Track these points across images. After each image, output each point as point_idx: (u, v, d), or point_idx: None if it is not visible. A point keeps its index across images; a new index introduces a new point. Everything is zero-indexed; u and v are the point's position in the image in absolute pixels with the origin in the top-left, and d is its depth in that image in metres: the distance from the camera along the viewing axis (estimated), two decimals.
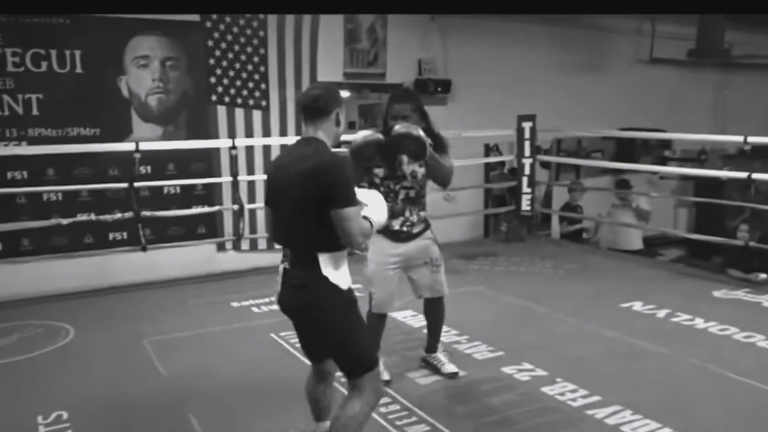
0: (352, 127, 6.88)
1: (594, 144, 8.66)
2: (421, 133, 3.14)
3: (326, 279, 2.36)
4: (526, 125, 6.86)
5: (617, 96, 8.36)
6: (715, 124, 9.47)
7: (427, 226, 3.46)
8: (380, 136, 3.17)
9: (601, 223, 7.46)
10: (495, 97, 7.28)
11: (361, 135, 3.24)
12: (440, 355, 3.71)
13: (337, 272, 2.38)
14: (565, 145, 8.32)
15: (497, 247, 6.83)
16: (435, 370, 3.66)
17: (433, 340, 3.69)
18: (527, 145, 6.90)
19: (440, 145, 3.30)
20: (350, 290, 2.42)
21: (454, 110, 7.13)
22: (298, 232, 2.40)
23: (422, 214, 3.43)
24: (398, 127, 3.12)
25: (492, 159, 7.60)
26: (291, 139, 5.90)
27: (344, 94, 6.66)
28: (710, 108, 9.63)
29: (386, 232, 3.31)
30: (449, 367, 3.65)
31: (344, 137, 2.82)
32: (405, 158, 3.29)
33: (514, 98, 7.24)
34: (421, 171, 3.35)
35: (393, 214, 3.29)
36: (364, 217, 2.41)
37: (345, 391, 2.58)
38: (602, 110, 8.12)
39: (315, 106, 2.45)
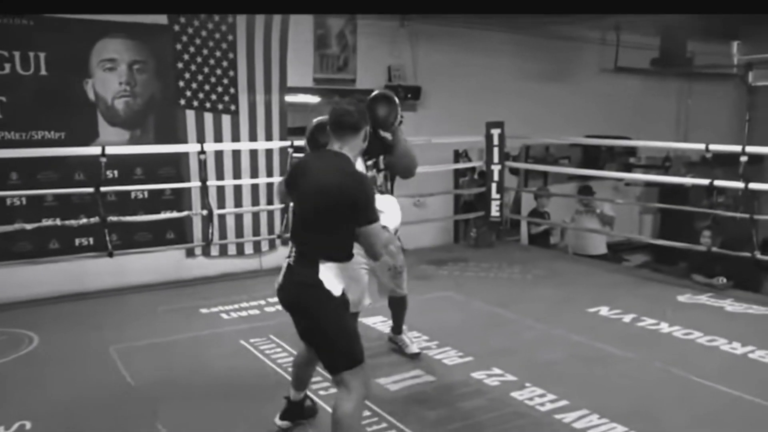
0: None
1: (561, 151, 8.73)
2: (395, 98, 3.23)
3: (321, 283, 2.53)
4: (495, 132, 6.92)
5: (583, 104, 8.47)
6: (678, 131, 9.65)
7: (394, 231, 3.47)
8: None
9: (566, 229, 7.57)
10: (464, 104, 7.33)
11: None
12: (404, 337, 3.95)
13: (333, 279, 2.56)
14: (533, 151, 8.40)
15: (467, 253, 6.86)
16: (400, 351, 3.94)
17: (397, 324, 3.95)
18: (496, 151, 6.95)
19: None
20: (343, 295, 2.60)
21: (424, 116, 7.16)
22: (309, 237, 2.59)
23: None
24: (376, 92, 3.26)
25: (461, 165, 7.63)
26: (261, 144, 5.97)
27: (315, 99, 6.77)
28: (674, 116, 9.81)
29: None
30: (413, 348, 3.91)
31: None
32: (365, 165, 3.34)
33: (483, 105, 7.30)
34: (381, 174, 3.41)
35: None
36: (383, 227, 2.59)
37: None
38: (569, 118, 8.21)
39: (348, 123, 2.64)
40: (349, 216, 2.50)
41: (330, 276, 2.55)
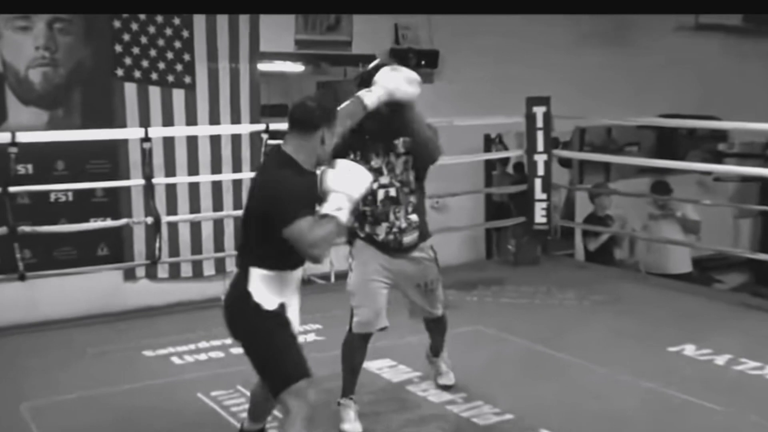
0: None
1: (628, 135, 8.74)
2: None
3: (249, 295, 2.91)
4: (539, 110, 6.88)
5: (656, 74, 8.45)
6: None
7: (423, 234, 3.70)
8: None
9: (636, 240, 7.54)
10: (496, 74, 7.34)
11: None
12: (442, 363, 4.23)
13: (263, 290, 2.91)
14: (590, 136, 8.40)
15: (503, 272, 6.82)
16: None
17: (436, 345, 4.19)
18: (540, 136, 6.92)
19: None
20: (275, 312, 2.93)
21: (444, 91, 7.12)
22: (242, 241, 3.06)
23: (413, 217, 3.64)
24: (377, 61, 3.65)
25: (495, 155, 7.65)
26: (226, 128, 6.08)
27: (297, 68, 6.87)
28: None
29: (372, 241, 3.63)
30: (446, 378, 4.21)
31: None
32: (377, 150, 3.55)
33: (522, 75, 7.33)
34: (400, 161, 3.56)
35: (375, 220, 3.60)
36: (325, 215, 2.88)
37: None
38: (637, 92, 8.19)
39: (298, 118, 2.96)
40: (273, 218, 2.85)
41: (261, 287, 2.90)
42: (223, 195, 6.33)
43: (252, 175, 5.81)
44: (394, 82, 3.37)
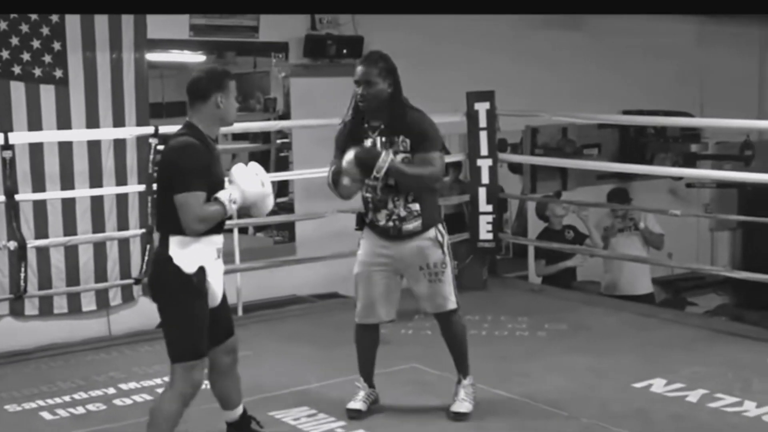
0: None
1: (587, 135, 8.76)
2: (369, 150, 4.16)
3: (170, 259, 3.58)
4: (481, 107, 6.93)
5: (617, 63, 8.53)
6: (763, 103, 9.89)
7: (428, 223, 4.27)
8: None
9: (596, 257, 7.55)
10: (431, 65, 7.35)
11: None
12: (462, 389, 4.49)
13: (183, 253, 3.58)
14: (543, 137, 8.41)
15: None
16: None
17: (457, 363, 4.52)
18: (484, 137, 6.95)
19: (418, 138, 4.20)
20: (195, 276, 3.59)
21: None
22: (156, 213, 3.89)
23: (414, 206, 4.24)
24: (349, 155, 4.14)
25: None
26: (107, 132, 6.16)
27: (197, 58, 6.88)
28: (755, 80, 10.04)
29: (374, 227, 4.29)
30: (457, 406, 4.44)
31: None
32: (377, 140, 4.22)
33: (462, 66, 7.37)
34: (399, 157, 4.16)
35: (376, 207, 4.27)
36: (215, 198, 3.59)
37: None
38: (597, 85, 8.26)
39: (189, 89, 3.70)
40: (170, 184, 3.56)
41: (180, 252, 3.58)
42: (105, 213, 6.29)
43: (140, 188, 5.98)
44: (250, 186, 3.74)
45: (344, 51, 7.14)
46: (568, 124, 8.42)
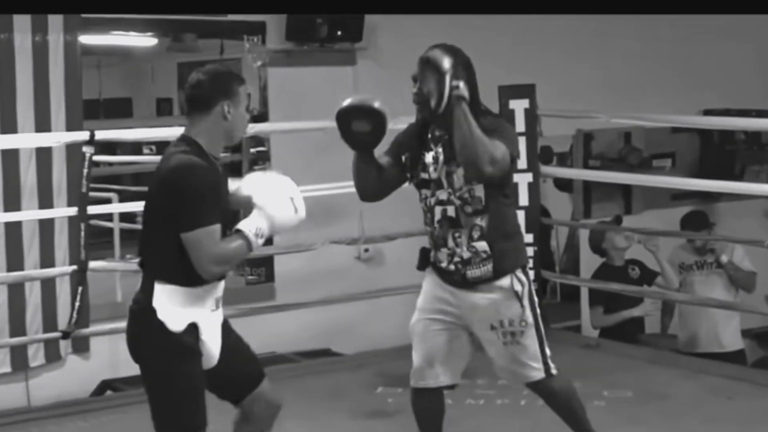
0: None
1: (658, 142, 8.61)
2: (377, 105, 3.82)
3: (153, 312, 3.29)
4: (518, 105, 6.69)
5: (700, 49, 8.53)
6: None
7: (501, 268, 3.89)
8: (375, 103, 3.84)
9: (673, 303, 7.33)
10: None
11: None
12: None
13: (170, 306, 3.30)
14: (599, 145, 8.28)
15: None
16: None
17: (574, 424, 4.28)
18: (522, 145, 6.42)
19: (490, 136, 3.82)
20: (182, 336, 3.30)
21: (371, 76, 7.07)
22: (144, 251, 3.50)
23: (481, 245, 3.84)
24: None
25: None
26: (27, 139, 6.07)
27: (147, 41, 7.05)
28: None
29: (436, 268, 4.00)
30: None
31: None
32: (434, 151, 3.91)
33: (492, 55, 6.76)
34: (460, 171, 3.82)
35: (436, 244, 3.95)
36: (237, 230, 3.30)
37: None
38: (673, 77, 8.28)
39: (189, 96, 3.42)
40: (176, 219, 3.27)
41: (167, 303, 3.28)
42: (24, 244, 6.00)
43: (71, 211, 5.88)
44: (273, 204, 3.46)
45: (338, 33, 6.78)
46: (632, 127, 8.15)
